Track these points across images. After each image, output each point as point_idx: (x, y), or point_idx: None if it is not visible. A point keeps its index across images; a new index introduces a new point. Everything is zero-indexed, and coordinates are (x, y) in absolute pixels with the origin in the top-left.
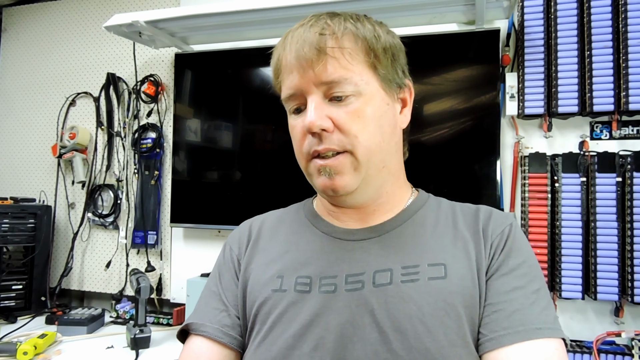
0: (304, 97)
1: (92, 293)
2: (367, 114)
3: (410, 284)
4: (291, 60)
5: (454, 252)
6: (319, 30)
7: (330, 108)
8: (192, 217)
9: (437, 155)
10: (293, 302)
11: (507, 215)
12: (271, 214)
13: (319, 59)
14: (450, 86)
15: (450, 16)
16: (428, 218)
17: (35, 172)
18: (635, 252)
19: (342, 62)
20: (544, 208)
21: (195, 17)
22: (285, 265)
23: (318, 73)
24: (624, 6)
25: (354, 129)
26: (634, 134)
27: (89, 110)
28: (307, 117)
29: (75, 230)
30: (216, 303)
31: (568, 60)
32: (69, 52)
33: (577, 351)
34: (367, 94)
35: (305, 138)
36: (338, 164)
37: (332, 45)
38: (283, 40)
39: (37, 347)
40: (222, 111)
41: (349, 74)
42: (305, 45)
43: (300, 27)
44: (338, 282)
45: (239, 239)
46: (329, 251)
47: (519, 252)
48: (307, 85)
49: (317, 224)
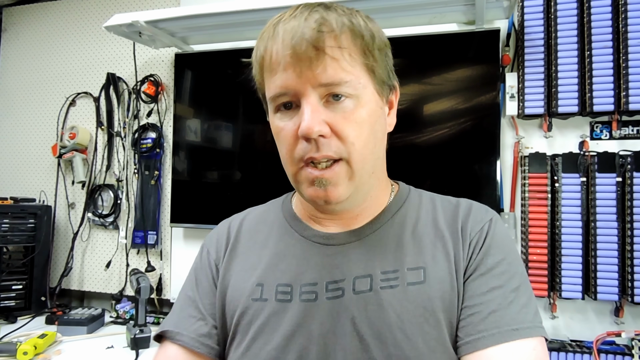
0: (296, 97)
1: (92, 293)
2: (364, 119)
3: (389, 290)
4: (285, 57)
5: (433, 253)
6: (316, 25)
7: (326, 112)
8: (192, 217)
9: (437, 155)
10: (274, 312)
11: (487, 211)
12: (250, 212)
13: (318, 59)
14: (450, 86)
15: (450, 16)
16: (408, 217)
17: (35, 172)
18: (635, 252)
19: (342, 64)
20: (544, 208)
21: (195, 17)
22: (265, 272)
23: (317, 74)
24: (624, 6)
25: (352, 135)
26: (634, 134)
27: (89, 110)
28: (304, 122)
29: (75, 230)
30: (193, 310)
31: (568, 60)
32: (69, 52)
33: (577, 351)
34: (364, 98)
35: (297, 143)
36: (334, 175)
37: (332, 44)
38: (272, 31)
39: (37, 347)
40: (222, 111)
41: (349, 77)
42: (302, 42)
43: (292, 18)
44: (318, 290)
45: (216, 242)
46: (309, 257)
47: (498, 249)
48: (303, 86)
49: (296, 227)
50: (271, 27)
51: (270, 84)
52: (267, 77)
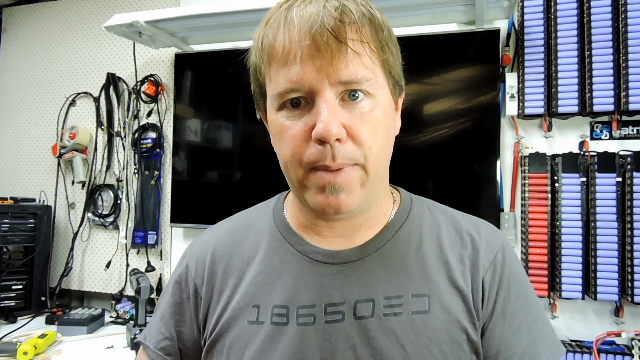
0: (310, 94)
1: (92, 293)
2: (381, 120)
3: (394, 318)
4: (303, 48)
5: (437, 279)
6: (337, 14)
7: (343, 112)
8: (192, 217)
9: (437, 155)
10: (270, 336)
11: (497, 235)
12: (237, 220)
13: (340, 52)
14: (450, 86)
15: (450, 16)
16: (412, 233)
17: (35, 172)
18: (635, 252)
19: (364, 60)
20: (544, 208)
21: (195, 17)
22: (260, 291)
23: (338, 69)
24: (624, 6)
25: (369, 138)
26: (634, 134)
27: (89, 110)
28: (322, 124)
29: (75, 230)
30: (162, 326)
31: (568, 60)
32: (69, 52)
33: (577, 351)
34: (381, 99)
35: (306, 145)
36: (348, 181)
37: (354, 37)
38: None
39: (37, 347)
40: (222, 111)
41: (370, 74)
42: (324, 32)
43: (308, 3)
44: (317, 313)
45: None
46: (306, 275)
47: (515, 281)
48: (320, 82)
49: (290, 240)
50: (282, 12)
51: (280, 77)
52: (276, 69)
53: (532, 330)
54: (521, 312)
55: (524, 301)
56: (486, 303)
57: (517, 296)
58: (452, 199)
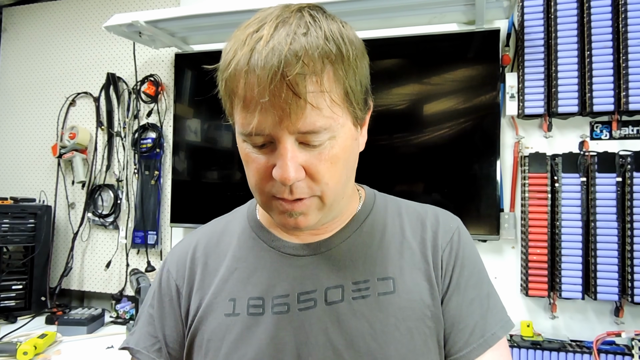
0: (271, 138)
1: (92, 293)
2: (339, 157)
3: (361, 300)
4: (262, 102)
5: (400, 263)
6: (298, 65)
7: (302, 154)
8: (192, 217)
9: (437, 155)
10: (247, 326)
11: (453, 219)
12: (216, 224)
13: (298, 108)
14: (450, 86)
15: (450, 16)
16: (376, 225)
17: (35, 172)
18: (635, 252)
19: (323, 111)
20: (544, 208)
21: (195, 17)
22: (237, 286)
23: (296, 122)
24: (624, 6)
25: (326, 175)
26: (634, 134)
27: (89, 110)
28: (281, 172)
29: (75, 230)
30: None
31: (568, 60)
32: (69, 52)
33: (577, 351)
34: (341, 136)
35: (268, 179)
36: (305, 208)
37: (313, 89)
38: (246, 60)
39: (37, 347)
40: (222, 111)
41: (329, 123)
42: (282, 87)
43: (271, 39)
44: (290, 302)
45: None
46: (279, 268)
47: (469, 259)
48: (280, 131)
49: (264, 238)
50: (246, 52)
51: (242, 119)
52: (239, 109)
53: (484, 305)
54: (474, 288)
55: (477, 278)
56: (443, 278)
57: (471, 273)
58: (452, 199)
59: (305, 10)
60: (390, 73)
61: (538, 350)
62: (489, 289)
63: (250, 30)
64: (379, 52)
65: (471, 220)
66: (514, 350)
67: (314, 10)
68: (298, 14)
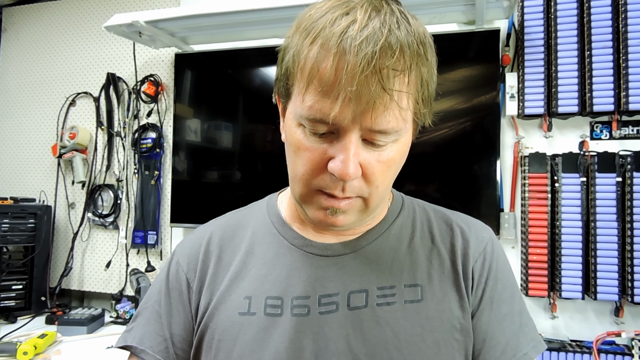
0: (337, 128)
1: (92, 293)
2: (396, 162)
3: (386, 307)
4: (346, 91)
5: (429, 270)
6: (392, 58)
7: (363, 151)
8: (192, 217)
9: (437, 155)
10: (264, 327)
11: (485, 229)
12: (230, 217)
13: (381, 103)
14: (450, 86)
15: (450, 16)
16: (404, 228)
17: (35, 172)
18: (635, 252)
19: (402, 113)
20: (544, 208)
21: (195, 17)
22: (253, 283)
23: (372, 119)
24: (624, 6)
25: (379, 179)
26: (634, 134)
27: (89, 110)
28: (343, 165)
29: (75, 230)
30: (159, 328)
31: (568, 60)
32: (69, 52)
33: (577, 351)
34: (402, 141)
35: (320, 171)
36: (349, 207)
37: (401, 88)
38: (335, 43)
39: (37, 347)
40: (222, 111)
41: (401, 125)
42: (372, 80)
43: (366, 32)
44: (311, 304)
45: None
46: (300, 267)
47: (503, 272)
48: (352, 124)
49: (285, 235)
50: (336, 35)
51: (312, 101)
52: (310, 90)
53: (516, 322)
54: (507, 303)
55: (509, 293)
56: (475, 291)
57: (504, 287)
58: (452, 199)
59: (393, 2)
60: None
61: None
62: (521, 305)
63: (339, 12)
64: None
65: None
66: None
67: (398, 4)
68: (387, 6)
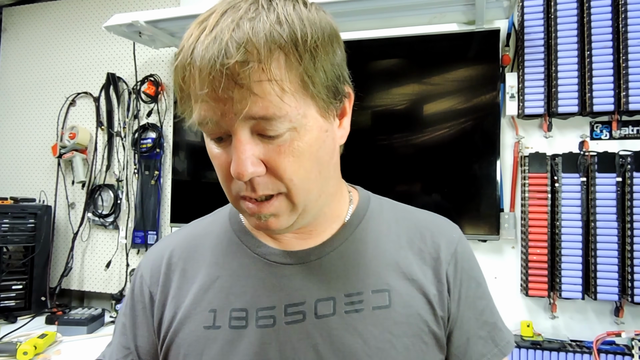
0: (225, 131)
1: (92, 293)
2: (303, 150)
3: (355, 315)
4: (200, 90)
5: (396, 274)
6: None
7: (260, 145)
8: (192, 217)
9: (437, 155)
10: (229, 341)
11: (453, 228)
12: (194, 226)
13: (241, 97)
14: (450, 86)
15: (450, 16)
16: (370, 232)
17: (35, 172)
18: (635, 252)
19: (272, 99)
20: (544, 208)
21: (195, 17)
22: (217, 295)
23: (242, 110)
24: (624, 6)
25: (289, 170)
26: (634, 134)
27: (89, 110)
28: (235, 166)
29: (75, 230)
30: (125, 341)
31: (568, 60)
32: (69, 52)
33: (577, 351)
34: (304, 128)
35: (231, 177)
36: (273, 209)
37: (258, 78)
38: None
39: (37, 347)
40: None
41: (283, 111)
42: (221, 78)
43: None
44: (277, 314)
45: (152, 265)
46: (265, 277)
47: (474, 269)
48: (229, 122)
49: (248, 243)
50: (189, 46)
51: (195, 111)
52: (191, 102)
53: (495, 314)
54: (482, 298)
55: (483, 287)
56: (452, 294)
57: (478, 284)
58: (452, 199)
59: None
60: (390, 73)
61: (538, 350)
62: (490, 295)
63: (199, 20)
64: (379, 52)
65: (471, 220)
66: (513, 350)
67: None
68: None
